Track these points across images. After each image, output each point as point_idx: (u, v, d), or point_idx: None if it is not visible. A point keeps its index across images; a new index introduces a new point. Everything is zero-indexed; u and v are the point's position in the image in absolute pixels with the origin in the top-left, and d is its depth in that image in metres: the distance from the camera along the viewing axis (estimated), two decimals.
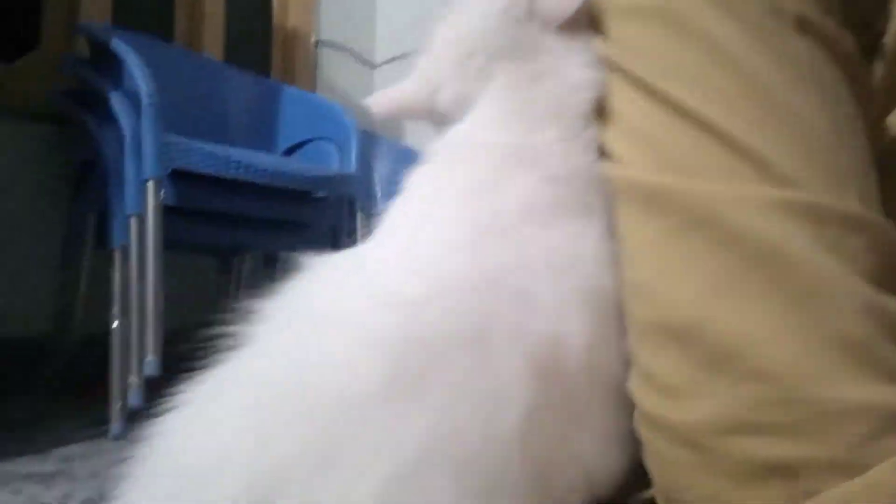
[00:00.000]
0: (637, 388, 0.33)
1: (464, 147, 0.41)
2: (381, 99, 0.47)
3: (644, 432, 0.33)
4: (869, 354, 0.28)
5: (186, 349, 0.40)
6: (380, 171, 2.35)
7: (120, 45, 1.39)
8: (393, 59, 2.62)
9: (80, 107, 1.52)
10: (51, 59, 1.72)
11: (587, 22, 0.38)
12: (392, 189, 0.44)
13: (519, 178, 0.37)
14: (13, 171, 1.67)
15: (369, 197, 2.30)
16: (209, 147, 1.38)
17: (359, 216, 1.71)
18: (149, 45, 1.69)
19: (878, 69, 0.37)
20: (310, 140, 1.82)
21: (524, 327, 0.33)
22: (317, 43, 2.41)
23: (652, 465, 0.33)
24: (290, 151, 1.83)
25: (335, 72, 2.48)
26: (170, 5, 2.06)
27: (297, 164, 1.51)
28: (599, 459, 0.34)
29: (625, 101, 0.35)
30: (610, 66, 0.36)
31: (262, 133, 1.85)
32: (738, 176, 0.31)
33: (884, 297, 0.29)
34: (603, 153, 0.36)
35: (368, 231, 0.41)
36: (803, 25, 0.32)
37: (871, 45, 0.37)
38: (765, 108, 0.31)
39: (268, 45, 2.32)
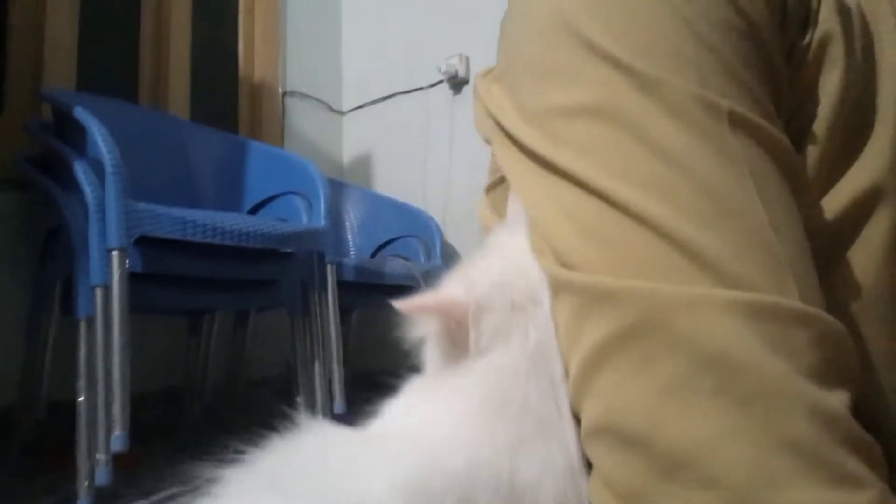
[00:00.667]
0: (595, 494, 0.33)
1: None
2: (424, 301, 0.44)
3: None
4: (815, 458, 0.28)
5: (153, 415, 0.39)
6: (350, 219, 2.36)
7: (82, 113, 1.38)
8: (360, 106, 2.64)
9: (45, 173, 1.51)
10: (15, 125, 1.71)
11: None
12: (362, 235, 0.43)
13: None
14: None
15: (340, 247, 2.31)
16: (175, 212, 1.37)
17: (329, 268, 1.72)
18: (113, 108, 1.69)
19: (812, 154, 0.38)
20: (277, 195, 1.82)
21: None
22: (284, 94, 2.43)
23: None
24: (258, 207, 1.83)
25: (303, 121, 2.50)
26: (134, 64, 2.06)
27: (264, 223, 1.50)
28: None
29: (573, 200, 0.34)
30: (555, 168, 0.36)
31: (229, 190, 1.85)
32: (688, 278, 0.31)
33: (827, 396, 0.30)
34: (554, 254, 0.35)
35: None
36: (736, 121, 0.33)
37: (801, 132, 0.38)
38: (711, 207, 0.32)
39: (234, 98, 2.33)
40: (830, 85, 0.38)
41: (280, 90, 2.42)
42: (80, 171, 1.32)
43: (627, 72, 0.34)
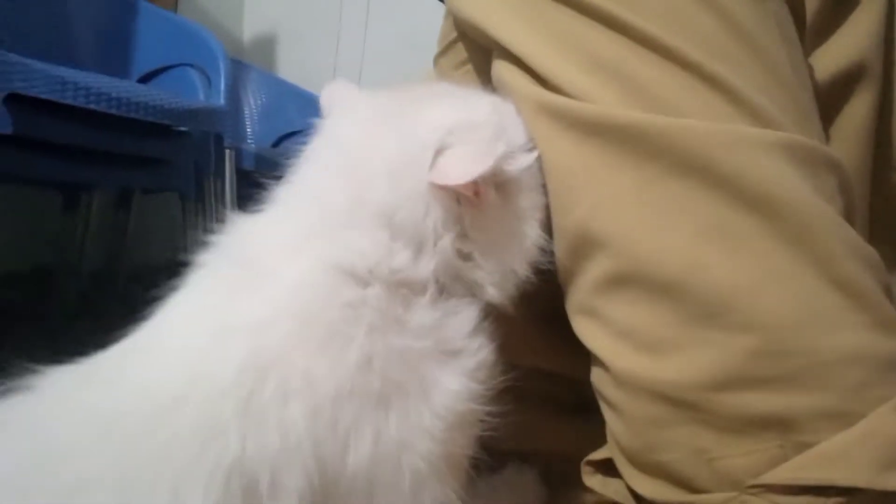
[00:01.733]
0: (605, 348, 0.31)
1: None
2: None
3: (615, 393, 0.31)
4: (863, 300, 0.28)
5: (19, 295, 0.35)
6: (250, 104, 2.21)
7: None
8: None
9: None
10: None
11: None
12: (263, 124, 0.40)
13: None
14: None
15: (238, 132, 2.16)
16: (52, 69, 1.22)
17: (227, 153, 1.60)
18: None
19: (809, 5, 0.37)
20: (171, 66, 1.66)
21: None
22: None
23: (622, 425, 0.31)
24: (147, 77, 1.66)
25: None
26: None
27: (154, 93, 1.36)
28: None
29: (587, 34, 0.31)
30: (575, 4, 0.32)
31: (115, 56, 1.67)
32: (719, 115, 0.29)
33: (864, 241, 0.29)
34: (548, 86, 0.32)
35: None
36: None
37: None
38: (738, 43, 0.30)
39: None
40: None
41: None
42: None
43: None
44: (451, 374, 0.36)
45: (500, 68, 0.36)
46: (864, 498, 0.25)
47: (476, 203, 0.37)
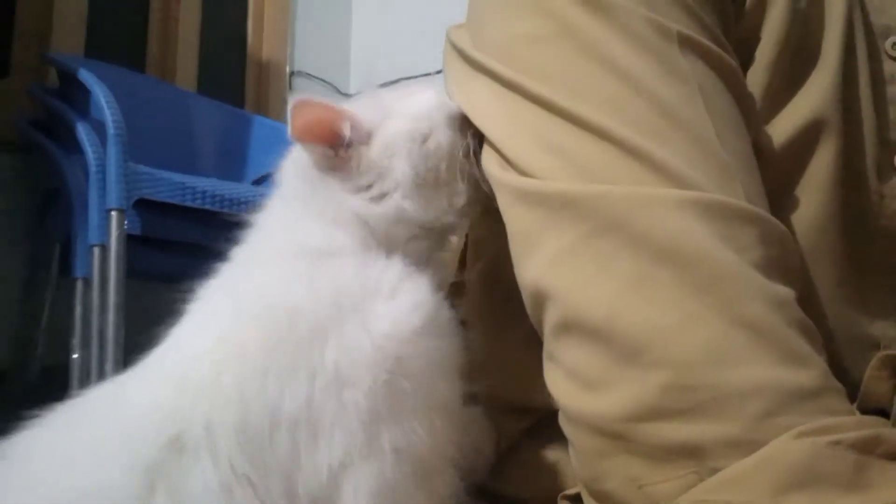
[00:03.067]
0: (559, 389, 0.34)
1: None
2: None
3: (568, 429, 0.34)
4: (767, 337, 0.30)
5: None
6: None
7: (86, 75, 1.39)
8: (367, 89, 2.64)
9: (47, 136, 1.52)
10: (20, 88, 1.71)
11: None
12: None
13: None
14: None
15: None
16: (175, 176, 1.38)
17: None
18: (119, 75, 1.69)
19: (755, 85, 0.40)
20: None
21: None
22: (291, 73, 2.43)
23: (576, 459, 0.34)
24: (259, 182, 1.83)
25: None
26: (143, 35, 2.06)
27: (263, 192, 1.50)
28: None
29: (535, 118, 0.36)
30: (520, 90, 0.37)
31: (231, 163, 1.85)
32: (641, 180, 0.33)
33: (775, 284, 0.31)
34: (513, 167, 0.37)
35: None
36: (684, 42, 0.35)
37: (745, 66, 0.40)
38: (661, 119, 0.34)
39: (242, 75, 2.33)
40: (773, 19, 0.40)
41: (287, 69, 2.42)
42: (83, 131, 1.33)
43: None
44: (388, 308, 0.39)
45: (483, 155, 0.41)
46: None
47: (343, 161, 0.44)
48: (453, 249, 0.52)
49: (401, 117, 0.47)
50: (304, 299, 0.39)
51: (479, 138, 0.42)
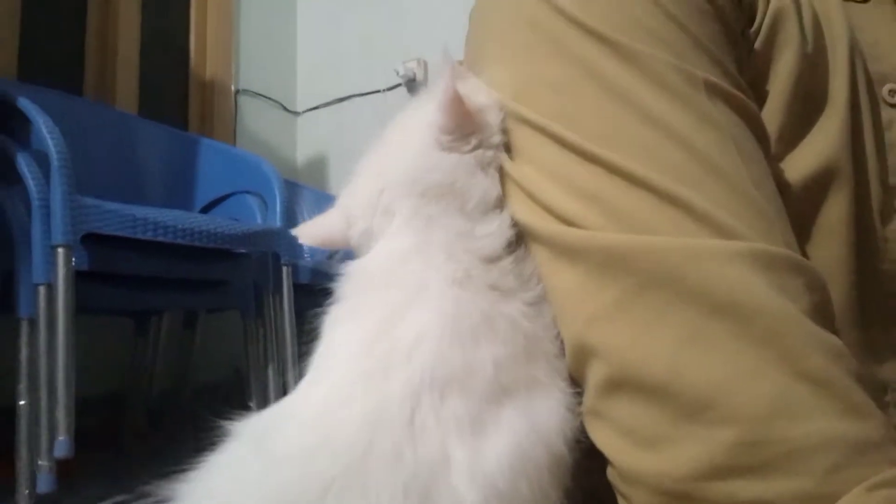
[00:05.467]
0: (612, 447, 0.34)
1: (356, 284, 0.41)
2: (306, 231, 0.48)
3: (622, 489, 0.33)
4: (830, 389, 0.29)
5: (99, 421, 0.38)
6: (305, 221, 2.32)
7: (26, 104, 1.32)
8: (315, 107, 2.61)
9: None
10: None
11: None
12: None
13: (414, 312, 0.37)
14: None
15: (294, 249, 2.27)
16: (124, 208, 1.32)
17: (284, 270, 1.68)
18: (57, 100, 1.62)
19: (773, 120, 0.40)
20: (231, 194, 1.78)
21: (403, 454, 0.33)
22: (237, 92, 2.38)
23: None
24: (209, 206, 1.78)
25: (256, 121, 2.45)
26: (80, 56, 1.99)
27: (217, 222, 1.46)
28: None
29: (568, 166, 0.36)
30: (546, 132, 0.37)
31: (179, 189, 1.80)
32: (683, 230, 0.32)
33: (829, 334, 0.31)
34: (551, 213, 0.36)
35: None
36: (711, 89, 0.36)
37: (761, 101, 0.41)
38: (697, 167, 0.34)
39: (185, 95, 2.27)
40: (785, 62, 0.40)
41: (233, 88, 2.36)
42: (24, 163, 1.26)
43: (609, 44, 0.36)
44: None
45: (512, 200, 0.40)
46: None
47: (470, 124, 0.39)
48: None
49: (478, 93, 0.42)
50: (507, 311, 0.38)
51: None
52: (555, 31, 0.37)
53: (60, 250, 1.20)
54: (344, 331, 0.39)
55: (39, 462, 1.12)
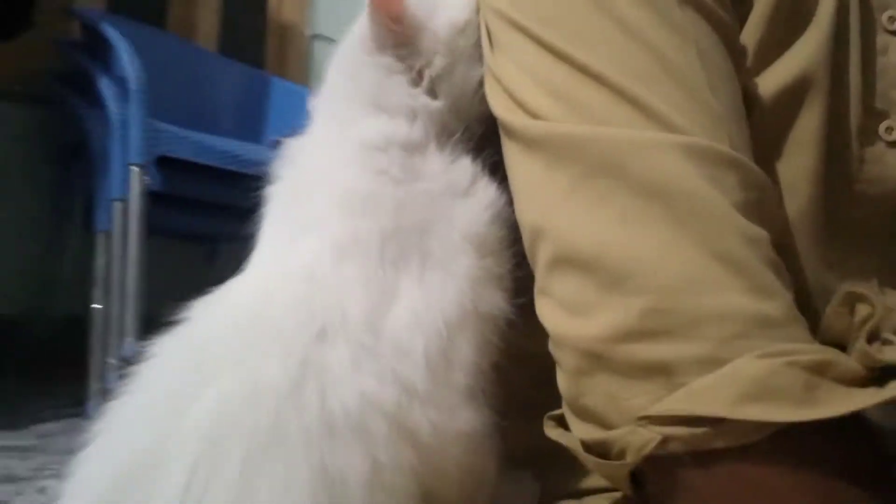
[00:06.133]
0: (550, 318, 0.37)
1: None
2: None
3: (555, 352, 0.37)
4: (740, 270, 0.32)
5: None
6: None
7: (110, 30, 1.41)
8: None
9: (70, 90, 1.55)
10: (43, 41, 1.74)
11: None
12: None
13: (315, 197, 0.45)
14: (1, 151, 1.69)
15: None
16: (196, 136, 1.41)
17: None
18: (141, 32, 1.71)
19: (750, 39, 0.42)
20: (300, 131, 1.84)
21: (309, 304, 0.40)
22: (311, 37, 2.44)
23: (561, 379, 0.37)
24: (277, 144, 1.85)
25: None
26: None
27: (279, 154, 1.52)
28: None
29: (542, 63, 0.39)
30: (526, 32, 0.40)
31: (251, 124, 1.87)
32: (634, 124, 0.35)
33: (752, 224, 0.34)
34: (523, 108, 0.40)
35: None
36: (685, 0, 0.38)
37: (742, 19, 0.42)
38: (658, 68, 0.36)
39: (262, 38, 2.35)
40: None
41: (307, 32, 2.42)
42: (106, 87, 1.35)
43: None
44: (466, 205, 0.44)
45: (489, 92, 0.44)
46: (725, 428, 0.29)
47: (408, 36, 0.46)
48: None
49: (448, 7, 0.48)
50: (401, 194, 0.43)
51: None
52: None
53: (135, 169, 1.29)
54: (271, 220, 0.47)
55: (109, 360, 1.23)
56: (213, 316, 0.41)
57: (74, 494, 0.37)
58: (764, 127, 0.41)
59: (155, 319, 0.45)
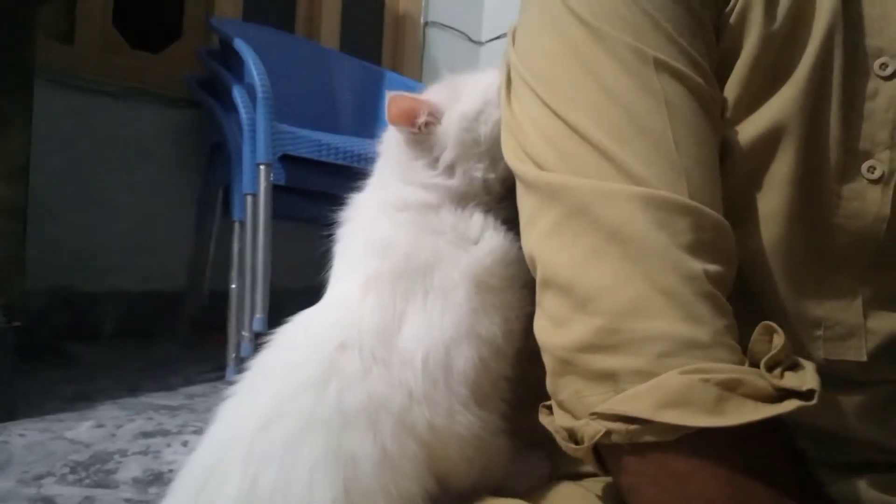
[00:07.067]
0: (540, 328, 0.46)
1: None
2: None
3: (543, 357, 0.46)
4: (677, 301, 0.39)
5: (292, 308, 0.55)
6: None
7: (240, 44, 1.58)
8: (499, 37, 2.71)
9: (211, 94, 1.76)
10: (189, 51, 1.97)
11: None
12: None
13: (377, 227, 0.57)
14: (156, 147, 1.95)
15: None
16: (314, 135, 1.56)
17: None
18: (271, 37, 1.90)
19: (729, 96, 0.47)
20: None
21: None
22: (425, 24, 2.54)
23: (547, 377, 0.46)
24: None
25: (442, 52, 2.61)
26: None
27: None
28: None
29: (543, 118, 0.47)
30: (532, 88, 0.48)
31: (366, 118, 2.01)
32: (607, 176, 0.42)
33: (695, 262, 0.40)
34: (528, 156, 0.48)
35: None
36: (660, 66, 0.44)
37: (722, 79, 0.47)
38: (629, 127, 0.43)
39: (379, 29, 2.48)
40: (748, 45, 0.46)
41: (422, 20, 2.53)
42: (237, 94, 1.53)
43: (588, 27, 0.45)
44: (472, 250, 0.54)
45: (504, 142, 0.52)
46: (651, 427, 0.36)
47: (419, 136, 0.57)
48: None
49: (463, 100, 0.59)
50: (411, 243, 0.54)
51: None
52: (555, 13, 0.48)
53: (262, 167, 1.46)
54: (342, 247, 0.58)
55: (243, 333, 1.43)
56: (284, 334, 0.53)
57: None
58: (743, 170, 0.46)
59: (284, 295, 0.58)
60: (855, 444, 0.48)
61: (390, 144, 0.61)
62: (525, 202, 0.48)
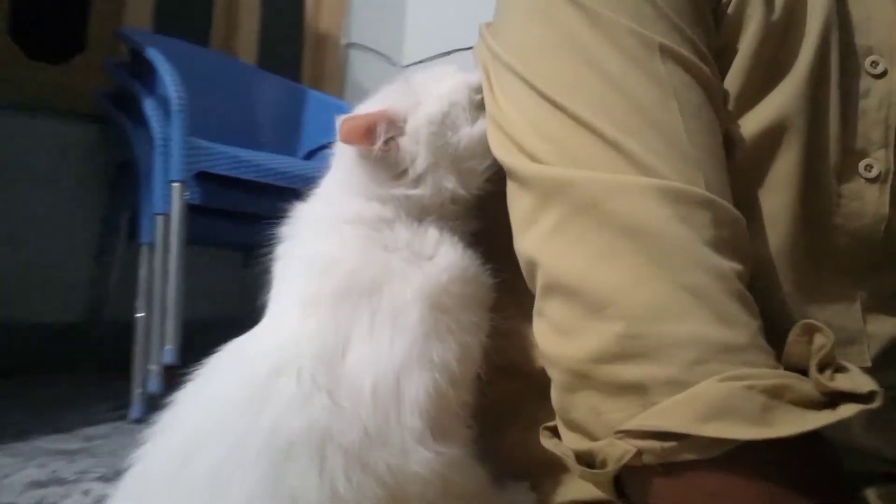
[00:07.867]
0: (543, 337, 0.41)
1: None
2: None
3: (549, 370, 0.41)
4: (704, 300, 0.35)
5: (206, 340, 0.49)
6: None
7: (154, 53, 1.48)
8: (421, 61, 2.68)
9: (118, 109, 1.63)
10: (96, 62, 1.83)
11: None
12: None
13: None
14: (56, 167, 1.79)
15: None
16: (232, 151, 1.46)
17: None
18: (184, 50, 1.79)
19: (731, 88, 0.45)
20: (333, 143, 1.90)
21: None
22: (346, 45, 2.49)
23: (553, 394, 0.41)
24: (311, 155, 1.91)
25: (364, 73, 2.56)
26: (208, 11, 2.16)
27: (313, 166, 1.58)
28: None
29: (539, 111, 0.43)
30: (524, 79, 0.44)
31: (287, 136, 1.94)
32: (616, 169, 0.39)
33: (721, 259, 0.37)
34: (522, 151, 0.44)
35: None
36: (665, 53, 0.41)
37: (723, 70, 0.45)
38: (638, 118, 0.40)
39: (299, 48, 2.41)
40: (748, 36, 0.44)
41: (343, 41, 2.48)
42: (149, 107, 1.42)
43: (585, 11, 0.42)
44: (425, 267, 0.49)
45: (492, 138, 0.48)
46: (689, 443, 0.32)
47: (382, 152, 0.52)
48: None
49: (426, 103, 0.54)
50: (358, 259, 0.49)
51: None
52: (545, 2, 0.44)
53: (175, 185, 1.36)
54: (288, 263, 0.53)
55: (150, 367, 1.30)
56: (211, 364, 0.48)
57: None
58: (745, 166, 0.44)
59: (195, 326, 0.52)
60: (858, 455, 0.46)
61: (342, 157, 0.56)
62: (519, 200, 0.43)
